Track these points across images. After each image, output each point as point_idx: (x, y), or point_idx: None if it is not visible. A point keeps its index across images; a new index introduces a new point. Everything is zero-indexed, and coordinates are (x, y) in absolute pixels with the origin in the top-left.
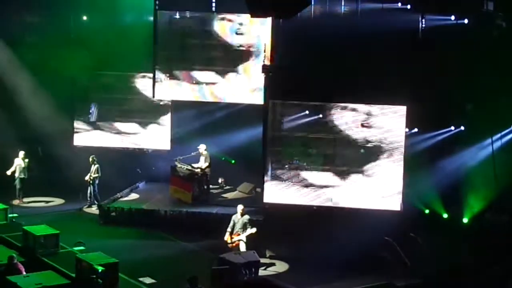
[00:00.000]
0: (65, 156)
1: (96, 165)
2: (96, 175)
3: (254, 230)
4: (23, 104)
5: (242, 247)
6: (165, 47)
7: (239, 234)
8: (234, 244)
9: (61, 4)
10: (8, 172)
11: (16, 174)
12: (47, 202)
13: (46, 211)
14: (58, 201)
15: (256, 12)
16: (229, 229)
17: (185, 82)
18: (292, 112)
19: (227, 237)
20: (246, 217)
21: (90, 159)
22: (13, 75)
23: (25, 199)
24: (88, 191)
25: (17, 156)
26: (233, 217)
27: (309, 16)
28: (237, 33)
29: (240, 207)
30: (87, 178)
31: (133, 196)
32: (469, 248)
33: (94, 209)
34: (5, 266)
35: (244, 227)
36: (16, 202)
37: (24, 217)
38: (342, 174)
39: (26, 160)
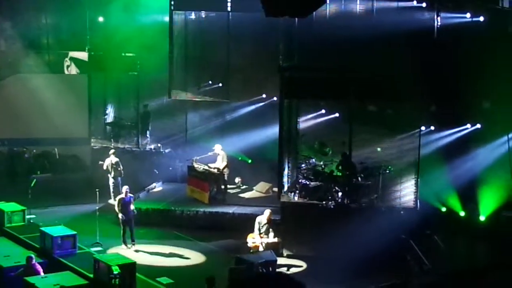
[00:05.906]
0: (82, 157)
1: (111, 159)
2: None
3: (276, 240)
4: (41, 105)
5: (260, 247)
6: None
7: (263, 237)
8: (254, 246)
9: (76, 6)
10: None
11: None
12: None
13: (63, 212)
14: None
15: (271, 11)
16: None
17: None
18: (308, 111)
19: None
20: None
21: (111, 151)
22: (32, 76)
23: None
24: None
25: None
26: (257, 219)
27: (325, 15)
28: None
29: (267, 213)
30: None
31: (150, 196)
32: (486, 246)
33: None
34: (23, 267)
35: (267, 231)
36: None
37: (41, 218)
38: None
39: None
